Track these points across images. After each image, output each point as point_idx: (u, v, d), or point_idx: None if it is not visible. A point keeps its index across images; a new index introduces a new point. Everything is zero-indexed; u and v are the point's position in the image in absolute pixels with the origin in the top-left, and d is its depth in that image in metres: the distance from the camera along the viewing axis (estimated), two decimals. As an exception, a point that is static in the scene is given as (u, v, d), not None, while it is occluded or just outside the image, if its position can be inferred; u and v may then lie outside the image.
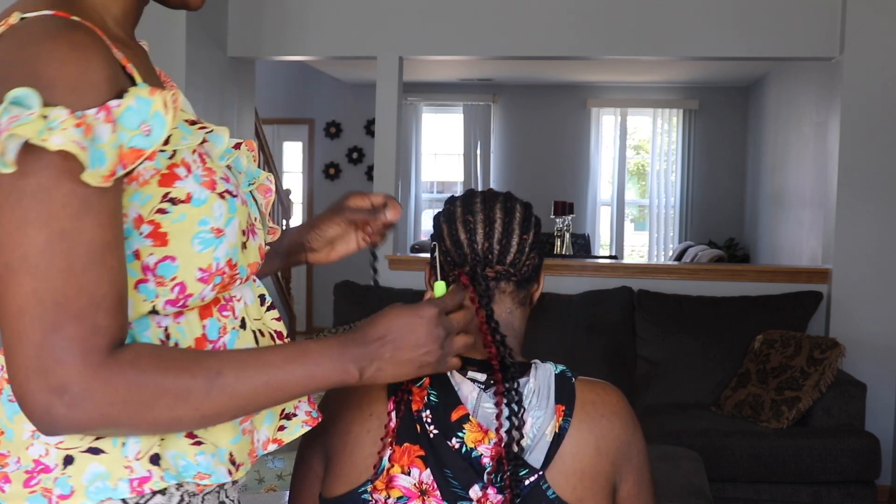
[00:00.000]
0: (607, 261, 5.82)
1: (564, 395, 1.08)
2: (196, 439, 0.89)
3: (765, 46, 4.20)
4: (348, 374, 0.90)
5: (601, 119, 8.11)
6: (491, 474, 1.03)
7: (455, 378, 1.09)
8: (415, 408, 1.07)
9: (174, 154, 0.88)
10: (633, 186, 9.00)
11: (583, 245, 7.58)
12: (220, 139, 0.95)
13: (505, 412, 1.04)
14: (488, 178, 8.14)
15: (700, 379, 3.88)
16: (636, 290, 4.17)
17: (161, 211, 0.86)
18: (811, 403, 3.49)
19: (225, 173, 0.94)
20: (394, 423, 1.07)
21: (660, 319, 4.02)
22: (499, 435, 1.04)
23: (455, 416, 1.06)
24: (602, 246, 8.31)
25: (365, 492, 1.07)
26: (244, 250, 0.94)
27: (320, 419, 1.03)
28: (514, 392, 1.05)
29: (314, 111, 8.19)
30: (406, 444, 1.07)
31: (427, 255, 1.25)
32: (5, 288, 0.78)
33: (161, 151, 0.86)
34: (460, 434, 1.05)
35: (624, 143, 8.16)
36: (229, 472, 0.91)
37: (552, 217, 6.78)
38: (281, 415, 1.00)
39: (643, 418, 3.37)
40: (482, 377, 1.09)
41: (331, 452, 1.12)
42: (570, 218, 6.67)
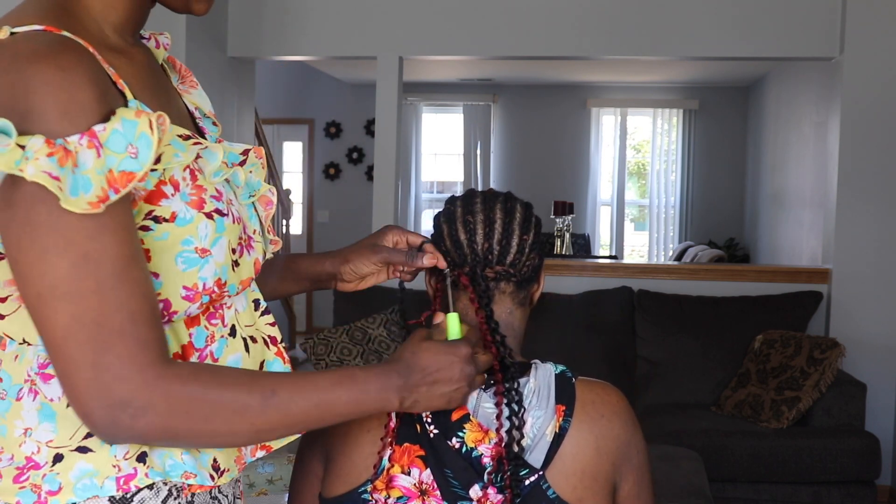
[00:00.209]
0: (607, 261, 5.82)
1: (565, 395, 1.08)
2: None
3: (765, 46, 4.20)
4: (389, 403, 0.95)
5: (601, 119, 8.11)
6: (491, 474, 1.03)
7: None
8: None
9: (163, 171, 0.88)
10: (633, 186, 9.00)
11: (583, 245, 7.58)
12: (214, 156, 0.94)
13: (505, 412, 1.04)
14: (488, 178, 8.14)
15: (700, 379, 3.88)
16: (636, 290, 4.17)
17: (144, 228, 0.87)
18: (811, 403, 3.49)
19: (217, 191, 0.93)
20: (394, 422, 1.07)
21: (660, 319, 4.02)
22: (499, 435, 1.04)
23: (455, 416, 1.06)
24: (602, 246, 8.31)
25: (365, 492, 1.07)
26: (236, 268, 0.94)
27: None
28: (514, 392, 1.05)
29: (314, 111, 8.20)
30: (406, 444, 1.07)
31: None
32: (44, 317, 0.80)
33: (152, 171, 0.86)
34: (461, 434, 1.05)
35: (624, 143, 8.16)
36: (211, 476, 0.92)
37: (552, 217, 6.78)
38: None
39: (643, 418, 3.38)
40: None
41: (330, 452, 1.12)
42: (570, 218, 6.68)
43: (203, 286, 0.90)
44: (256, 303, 1.03)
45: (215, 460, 0.93)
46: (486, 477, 1.04)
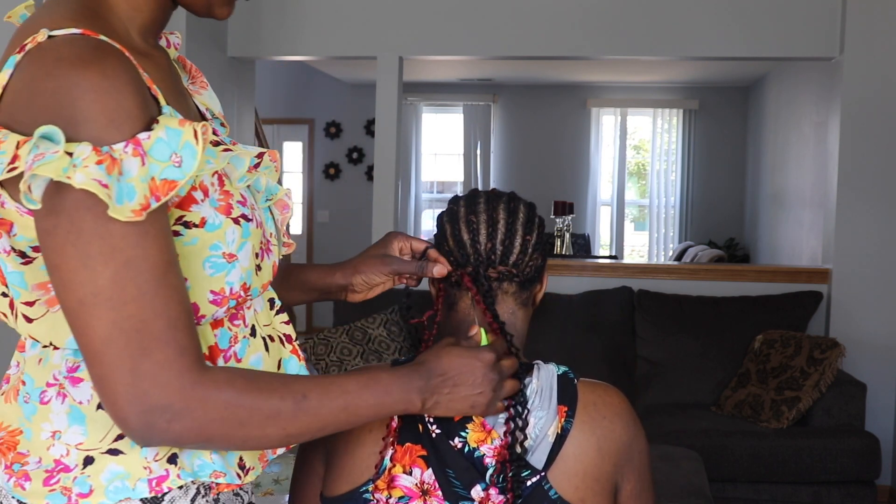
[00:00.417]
0: (607, 261, 5.82)
1: (566, 396, 1.08)
2: None
3: (765, 46, 4.20)
4: (412, 405, 0.97)
5: (601, 119, 8.11)
6: (494, 475, 1.03)
7: None
8: None
9: (195, 177, 0.88)
10: (633, 186, 9.00)
11: (583, 245, 7.58)
12: (241, 162, 0.94)
13: (511, 412, 1.05)
14: (488, 178, 8.14)
15: (700, 379, 3.88)
16: (636, 290, 4.17)
17: (174, 233, 0.87)
18: (811, 403, 3.49)
19: (242, 196, 0.94)
20: (396, 422, 1.08)
21: (660, 319, 4.03)
22: (506, 434, 1.04)
23: (458, 416, 1.06)
24: (602, 246, 8.31)
25: (366, 491, 1.07)
26: (258, 272, 0.95)
27: None
28: (520, 393, 1.05)
29: (314, 111, 8.20)
30: (408, 444, 1.07)
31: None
32: (84, 324, 0.80)
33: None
34: (463, 434, 1.05)
35: (624, 143, 8.16)
36: (238, 475, 0.93)
37: (552, 217, 6.78)
38: None
39: (643, 418, 3.37)
40: None
41: (332, 452, 1.12)
42: (570, 218, 6.68)
43: (230, 290, 0.91)
44: (272, 302, 1.04)
45: (241, 459, 0.94)
46: (488, 477, 1.04)
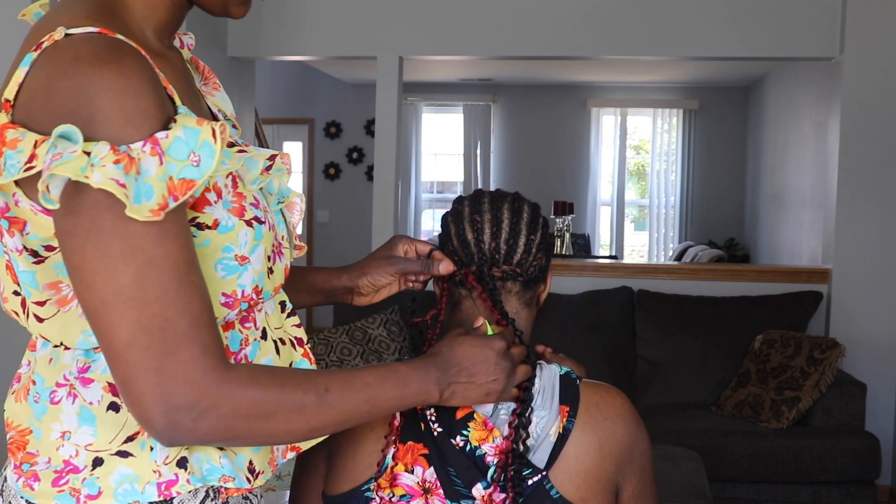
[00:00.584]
0: (607, 261, 5.82)
1: (569, 396, 1.09)
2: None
3: (765, 46, 4.20)
4: (430, 396, 0.98)
5: (601, 119, 8.11)
6: (499, 473, 1.04)
7: None
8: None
9: (209, 178, 0.88)
10: (633, 186, 9.00)
11: (583, 245, 7.58)
12: (254, 164, 0.94)
13: (513, 408, 1.05)
14: (488, 178, 8.14)
15: (700, 379, 3.88)
16: (636, 290, 4.18)
17: None
18: (811, 403, 3.50)
19: (255, 198, 0.93)
20: (398, 420, 1.08)
21: (660, 319, 4.03)
22: (510, 426, 1.04)
23: (460, 415, 1.07)
24: (602, 246, 8.31)
25: (368, 490, 1.07)
26: (270, 275, 0.95)
27: None
28: (527, 388, 1.06)
29: (314, 111, 8.19)
30: (410, 443, 1.07)
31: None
32: (106, 324, 0.79)
33: None
34: (465, 432, 1.06)
35: (624, 143, 8.16)
36: (248, 479, 0.93)
37: (552, 217, 6.78)
38: None
39: (643, 418, 3.37)
40: None
41: (334, 450, 1.12)
42: (570, 218, 6.68)
43: (242, 293, 0.91)
44: (283, 305, 1.03)
45: (251, 462, 0.94)
46: (489, 476, 1.04)
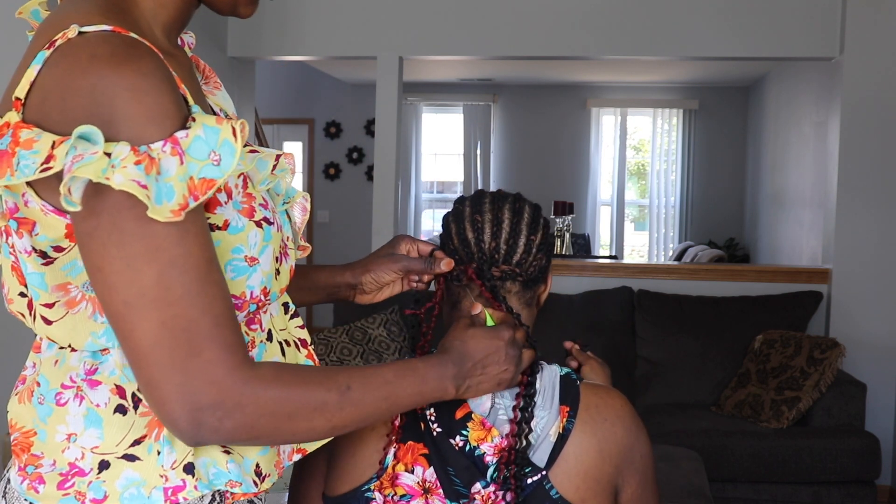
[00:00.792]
0: (607, 261, 5.82)
1: (569, 396, 1.09)
2: (225, 448, 0.90)
3: (765, 46, 4.20)
4: (446, 392, 0.98)
5: (601, 119, 8.11)
6: (500, 472, 1.04)
7: None
8: None
9: None
10: (633, 186, 9.00)
11: (583, 245, 7.58)
12: (265, 164, 0.93)
13: (515, 404, 1.05)
14: (488, 178, 8.14)
15: (700, 379, 3.88)
16: (636, 290, 4.18)
17: None
18: (811, 403, 3.50)
19: (264, 199, 0.93)
20: (398, 420, 1.08)
21: (660, 319, 4.03)
22: (513, 426, 1.04)
23: (459, 414, 1.07)
24: (602, 246, 8.31)
25: (368, 490, 1.07)
26: (277, 276, 0.94)
27: None
28: (531, 385, 1.07)
29: (314, 111, 8.20)
30: (410, 443, 1.07)
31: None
32: (130, 325, 0.79)
33: None
34: (464, 432, 1.06)
35: (624, 143, 8.16)
36: (255, 483, 0.92)
37: (552, 217, 6.78)
38: None
39: (643, 418, 3.37)
40: None
41: (334, 451, 1.12)
42: (570, 218, 6.68)
43: (251, 295, 0.90)
44: (286, 306, 1.03)
45: (258, 465, 0.93)
46: (489, 475, 1.04)
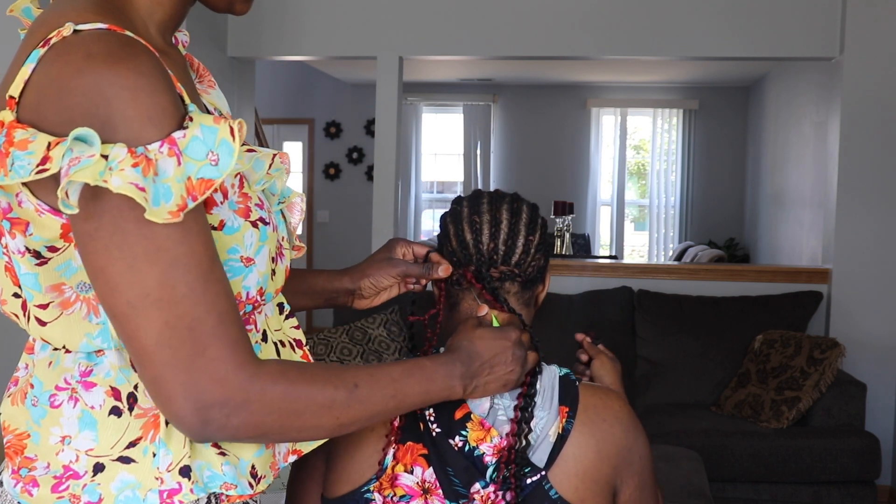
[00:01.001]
0: (607, 261, 5.82)
1: (568, 397, 1.09)
2: (220, 450, 0.89)
3: (765, 46, 4.20)
4: (454, 391, 0.99)
5: (601, 119, 8.11)
6: (500, 472, 1.04)
7: None
8: None
9: None
10: (633, 186, 9.00)
11: (583, 245, 7.58)
12: (261, 164, 0.93)
13: (515, 404, 1.05)
14: (488, 178, 8.14)
15: (700, 379, 3.88)
16: (636, 290, 4.17)
17: None
18: (811, 403, 3.49)
19: (259, 199, 0.92)
20: (398, 421, 1.08)
21: (660, 319, 4.03)
22: (513, 426, 1.04)
23: (458, 415, 1.07)
24: (602, 246, 8.31)
25: (368, 491, 1.07)
26: (273, 277, 0.94)
27: None
28: (531, 384, 1.07)
29: (314, 111, 8.19)
30: (409, 443, 1.07)
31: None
32: (134, 326, 0.79)
33: None
34: (463, 433, 1.06)
35: (624, 143, 8.16)
36: (250, 484, 0.92)
37: (552, 217, 6.78)
38: None
39: (643, 418, 3.38)
40: None
41: (333, 451, 1.12)
42: (570, 218, 6.68)
43: (246, 295, 0.90)
44: (281, 307, 1.02)
45: (253, 467, 0.92)
46: (488, 476, 1.04)
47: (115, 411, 0.86)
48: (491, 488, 1.04)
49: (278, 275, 0.96)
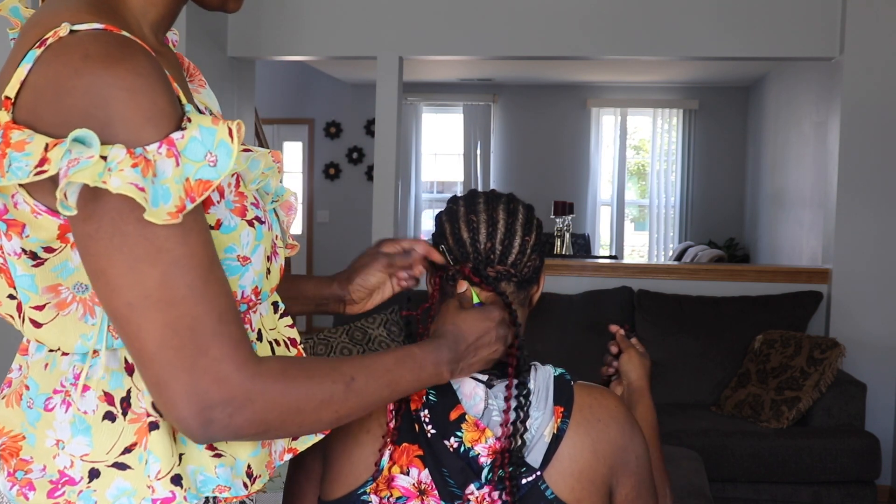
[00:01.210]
0: (607, 261, 5.82)
1: (563, 397, 1.09)
2: (216, 451, 0.89)
3: (765, 46, 4.20)
4: (441, 377, 1.00)
5: (601, 119, 8.11)
6: (495, 472, 1.03)
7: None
8: (413, 407, 1.07)
9: None
10: (633, 186, 9.00)
11: (583, 245, 7.58)
12: (256, 164, 0.93)
13: (513, 404, 1.05)
14: (488, 178, 8.14)
15: (700, 379, 3.88)
16: (636, 290, 4.17)
17: None
18: (811, 403, 3.49)
19: (255, 198, 0.92)
20: (393, 422, 1.07)
21: (660, 319, 4.02)
22: (506, 428, 1.04)
23: (454, 416, 1.06)
24: (602, 246, 8.31)
25: (364, 493, 1.07)
26: (268, 276, 0.94)
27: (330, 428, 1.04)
28: (523, 385, 1.07)
29: (314, 111, 8.19)
30: (405, 444, 1.07)
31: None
32: (135, 327, 0.78)
33: None
34: (458, 434, 1.05)
35: (624, 143, 8.16)
36: (245, 485, 0.91)
37: (552, 217, 6.78)
38: None
39: (643, 418, 3.34)
40: (483, 377, 1.09)
41: (329, 454, 1.12)
42: (570, 218, 6.68)
43: (242, 294, 0.90)
44: (275, 305, 1.02)
45: (249, 467, 0.92)
46: (483, 476, 1.04)
47: (109, 416, 0.86)
48: (486, 489, 1.03)
49: (273, 273, 0.96)
